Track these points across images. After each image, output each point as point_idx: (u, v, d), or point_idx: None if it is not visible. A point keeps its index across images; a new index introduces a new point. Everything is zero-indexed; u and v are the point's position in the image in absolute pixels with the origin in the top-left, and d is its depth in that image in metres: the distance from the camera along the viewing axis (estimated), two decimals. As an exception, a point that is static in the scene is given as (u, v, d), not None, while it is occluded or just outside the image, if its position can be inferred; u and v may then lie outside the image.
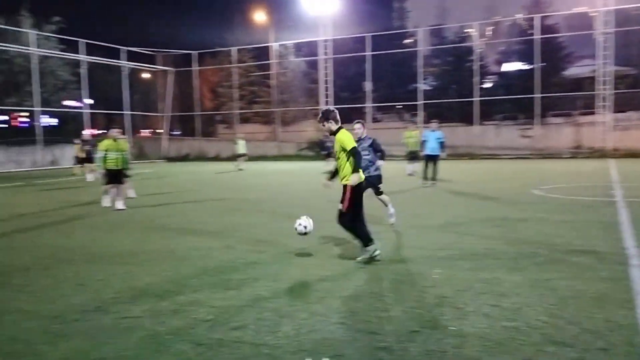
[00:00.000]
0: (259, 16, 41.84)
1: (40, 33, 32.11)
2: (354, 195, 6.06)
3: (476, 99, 31.30)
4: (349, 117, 33.96)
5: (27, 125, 37.47)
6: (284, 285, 5.34)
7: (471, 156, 29.99)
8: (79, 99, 35.94)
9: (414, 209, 10.69)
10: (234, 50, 38.65)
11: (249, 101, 40.92)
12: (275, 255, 6.80)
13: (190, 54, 39.54)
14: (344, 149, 5.99)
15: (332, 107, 6.47)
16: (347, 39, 35.20)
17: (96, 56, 34.44)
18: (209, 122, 42.96)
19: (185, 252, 6.84)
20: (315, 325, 4.18)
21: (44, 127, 32.46)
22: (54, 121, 38.54)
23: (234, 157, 26.41)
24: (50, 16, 33.81)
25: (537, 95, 29.95)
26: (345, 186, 6.09)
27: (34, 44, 30.65)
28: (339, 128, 6.11)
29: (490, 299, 4.72)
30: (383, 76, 37.44)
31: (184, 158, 38.53)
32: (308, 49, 38.25)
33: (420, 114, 32.78)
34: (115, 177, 11.60)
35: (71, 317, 4.53)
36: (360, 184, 6.05)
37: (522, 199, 11.74)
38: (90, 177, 19.74)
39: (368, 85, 34.88)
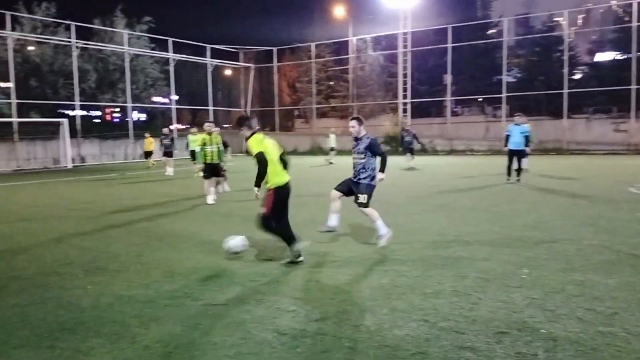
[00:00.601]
0: (338, 11, 41.90)
1: (133, 33, 34.08)
2: (277, 200, 5.89)
3: (565, 90, 29.58)
4: (427, 111, 33.25)
5: (118, 120, 40.00)
6: (364, 280, 5.32)
7: (559, 151, 28.46)
8: (167, 95, 37.82)
9: (497, 206, 10.29)
10: (312, 45, 39.02)
11: (326, 96, 41.23)
12: (355, 250, 6.79)
13: (270, 50, 40.38)
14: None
15: (247, 113, 6.31)
16: (427, 30, 34.44)
17: (183, 54, 36.03)
18: (287, 117, 43.74)
19: (267, 243, 6.99)
20: (396, 321, 4.13)
21: (134, 122, 34.42)
22: (143, 116, 40.89)
23: (324, 151, 26.70)
24: (141, 16, 35.80)
25: (634, 87, 27.82)
26: (268, 190, 5.92)
27: (127, 43, 32.58)
28: (252, 133, 5.91)
29: (583, 303, 4.45)
30: (464, 68, 36.36)
31: (263, 152, 39.42)
32: (386, 42, 37.88)
33: (504, 107, 31.55)
34: (214, 170, 11.92)
35: (163, 303, 4.77)
36: (285, 188, 5.95)
37: (617, 197, 10.96)
38: (170, 170, 20.42)
39: (448, 78, 33.98)
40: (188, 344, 3.82)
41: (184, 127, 36.83)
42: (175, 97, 36.84)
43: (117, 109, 40.00)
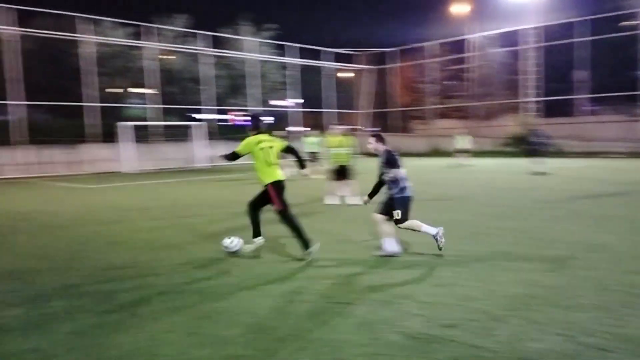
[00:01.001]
0: (457, 8, 40.69)
1: (257, 40, 35.88)
2: (277, 192, 6.51)
3: None
4: (556, 110, 30.56)
5: (241, 123, 42.22)
6: (494, 287, 5.11)
7: None
8: (287, 99, 39.33)
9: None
10: (429, 45, 38.25)
11: (445, 96, 40.14)
12: (482, 255, 6.54)
13: (386, 51, 40.24)
14: None
15: (257, 113, 6.19)
16: (554, 25, 32.13)
17: (302, 58, 37.23)
18: (404, 118, 43.26)
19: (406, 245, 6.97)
20: (533, 333, 3.92)
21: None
22: (272, 119, 42.78)
23: (445, 153, 26.03)
24: (265, 24, 37.55)
25: None
26: (265, 187, 6.56)
27: (252, 50, 34.41)
28: (257, 133, 6.69)
29: None
30: (596, 64, 33.33)
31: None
32: (509, 39, 35.97)
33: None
34: (342, 173, 12.03)
35: (298, 298, 4.96)
36: (279, 182, 6.57)
37: None
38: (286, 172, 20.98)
39: (579, 75, 31.42)
40: (318, 339, 3.93)
41: (303, 129, 38.06)
42: (297, 100, 38.14)
43: (242, 113, 42.34)
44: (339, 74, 45.42)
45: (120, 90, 31.67)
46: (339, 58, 40.35)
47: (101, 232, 8.86)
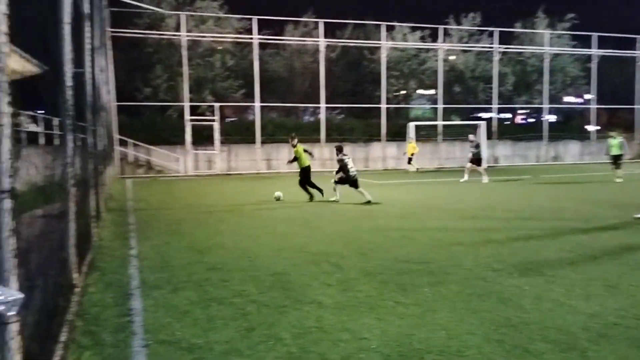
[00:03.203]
0: None
1: (554, 32, 33.09)
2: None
3: None
4: None
5: (527, 121, 39.43)
6: None
7: None
8: (583, 95, 35.22)
9: None
10: None
11: None
12: None
13: None
14: None
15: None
16: None
17: (606, 49, 32.79)
18: None
19: None
20: None
21: (550, 123, 33.46)
22: (554, 117, 39.19)
23: None
24: (563, 15, 34.34)
25: None
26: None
27: (547, 43, 31.88)
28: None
29: None
30: None
31: None
32: None
33: None
34: None
35: (610, 320, 4.31)
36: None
37: None
38: (485, 179, 18.87)
39: None
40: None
41: (599, 128, 33.53)
42: (591, 96, 33.91)
43: (527, 111, 39.60)
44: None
45: (407, 92, 33.15)
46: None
47: (393, 226, 9.33)
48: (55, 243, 4.52)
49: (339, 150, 13.36)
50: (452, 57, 32.56)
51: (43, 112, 13.02)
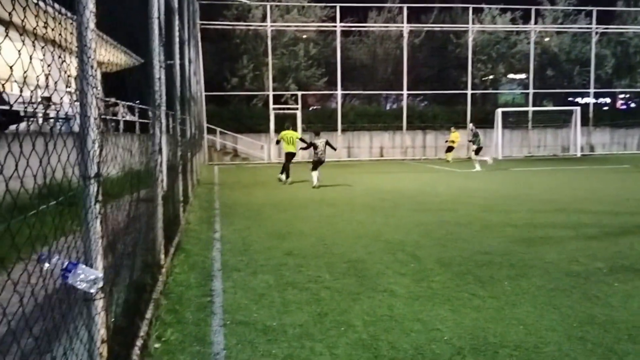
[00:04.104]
0: None
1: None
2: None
3: None
4: None
5: (626, 107, 36.46)
6: None
7: None
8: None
9: None
10: None
11: None
12: None
13: None
14: None
15: None
16: None
17: None
18: None
19: None
20: None
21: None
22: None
23: None
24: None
25: None
26: None
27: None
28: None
29: None
30: None
31: None
32: None
33: None
34: None
35: None
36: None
37: None
38: (477, 167, 18.92)
39: None
40: None
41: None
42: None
43: (628, 95, 36.55)
44: None
45: (495, 77, 31.78)
46: None
47: (475, 217, 9.06)
48: (145, 226, 4.85)
49: (316, 134, 14.84)
50: (546, 39, 30.75)
51: (138, 102, 13.89)
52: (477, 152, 19.46)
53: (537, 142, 28.72)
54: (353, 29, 29.14)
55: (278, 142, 15.99)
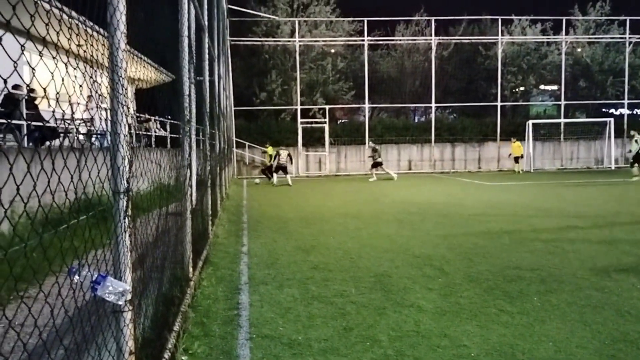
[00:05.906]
0: None
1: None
2: None
3: None
4: None
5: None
6: None
7: None
8: None
9: None
10: None
11: None
12: None
13: None
14: None
15: None
16: None
17: None
18: None
19: None
20: None
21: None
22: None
23: None
24: None
25: None
26: None
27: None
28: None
29: None
30: None
31: None
32: None
33: None
34: None
35: None
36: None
37: None
38: None
39: None
40: None
41: None
42: None
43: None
44: None
45: (525, 88, 31.36)
46: None
47: (504, 230, 8.92)
48: (174, 239, 4.95)
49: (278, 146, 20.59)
50: (578, 50, 30.25)
51: (169, 117, 14.22)
52: (374, 165, 21.93)
53: (570, 154, 28.14)
54: (380, 42, 29.22)
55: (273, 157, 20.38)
